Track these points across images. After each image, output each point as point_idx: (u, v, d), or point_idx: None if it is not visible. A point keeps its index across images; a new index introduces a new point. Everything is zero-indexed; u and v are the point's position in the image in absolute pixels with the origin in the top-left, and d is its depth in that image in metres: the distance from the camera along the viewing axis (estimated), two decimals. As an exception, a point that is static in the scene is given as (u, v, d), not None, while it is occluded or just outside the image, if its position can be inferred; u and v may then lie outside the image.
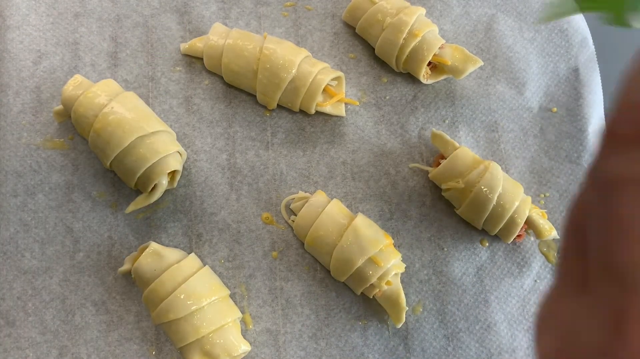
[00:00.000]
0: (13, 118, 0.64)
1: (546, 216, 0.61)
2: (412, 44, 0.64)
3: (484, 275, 0.62)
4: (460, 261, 0.62)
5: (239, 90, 0.67)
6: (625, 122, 0.23)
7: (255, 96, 0.65)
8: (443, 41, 0.65)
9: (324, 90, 0.63)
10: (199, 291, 0.54)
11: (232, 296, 0.59)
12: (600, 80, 0.69)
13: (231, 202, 0.63)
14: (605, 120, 0.25)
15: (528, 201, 0.60)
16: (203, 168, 0.64)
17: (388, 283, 0.57)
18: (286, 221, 0.63)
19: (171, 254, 0.57)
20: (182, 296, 0.54)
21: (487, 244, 0.63)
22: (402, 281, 0.60)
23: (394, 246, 0.61)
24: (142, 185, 0.59)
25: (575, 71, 0.69)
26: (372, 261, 0.57)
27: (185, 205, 0.63)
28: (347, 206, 0.63)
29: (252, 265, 0.61)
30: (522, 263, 0.62)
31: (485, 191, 0.58)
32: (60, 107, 0.62)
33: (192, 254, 0.58)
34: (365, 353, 0.59)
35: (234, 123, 0.66)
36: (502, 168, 0.63)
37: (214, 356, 0.54)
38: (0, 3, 0.68)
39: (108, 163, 0.58)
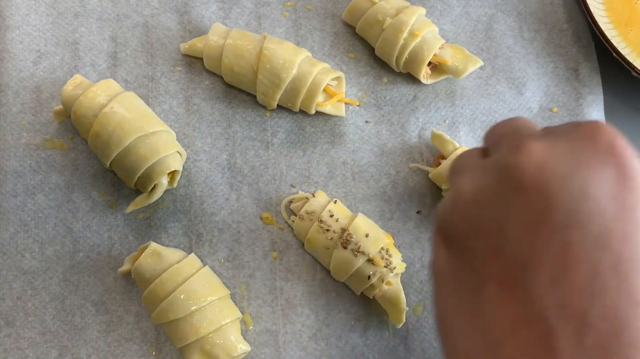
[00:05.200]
0: (13, 118, 0.64)
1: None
2: (412, 44, 0.64)
3: (484, 275, 0.62)
4: (460, 261, 0.62)
5: (239, 90, 0.67)
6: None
7: (255, 96, 0.65)
8: (443, 41, 0.65)
9: (324, 90, 0.63)
10: (199, 291, 0.54)
11: (232, 296, 0.59)
12: (600, 80, 0.69)
13: (231, 202, 0.63)
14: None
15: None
16: (203, 168, 0.64)
17: (388, 283, 0.57)
18: (286, 221, 0.63)
19: (171, 254, 0.57)
20: (182, 297, 0.54)
21: (487, 244, 0.63)
22: (402, 282, 0.60)
23: (394, 246, 0.61)
24: (142, 185, 0.59)
25: (575, 71, 0.69)
26: (372, 261, 0.56)
27: (185, 205, 0.63)
28: (347, 206, 0.63)
29: (252, 265, 0.61)
30: (522, 263, 0.62)
31: (486, 191, 0.58)
32: (60, 107, 0.61)
33: (192, 254, 0.58)
34: (365, 353, 0.59)
35: (234, 123, 0.66)
36: (502, 168, 0.63)
37: (213, 356, 0.54)
38: (0, 3, 0.68)
39: (108, 163, 0.58)
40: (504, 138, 0.35)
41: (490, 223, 0.32)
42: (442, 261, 0.36)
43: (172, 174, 0.60)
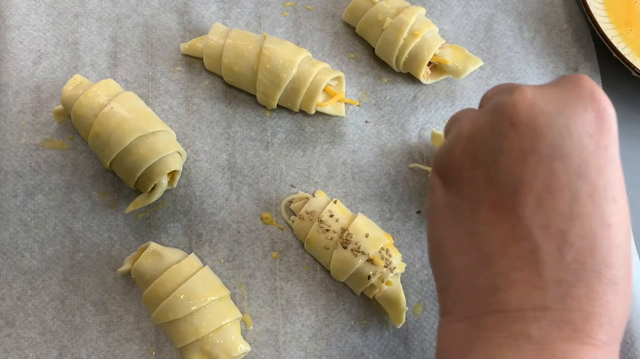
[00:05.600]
0: (13, 118, 0.64)
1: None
2: (412, 44, 0.64)
3: (484, 275, 0.62)
4: (460, 261, 0.62)
5: (239, 90, 0.67)
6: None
7: (255, 96, 0.65)
8: (443, 41, 0.65)
9: (324, 90, 0.63)
10: (199, 291, 0.54)
11: (232, 296, 0.59)
12: (600, 80, 0.69)
13: (231, 202, 0.63)
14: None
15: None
16: (203, 168, 0.64)
17: (388, 283, 0.57)
18: (286, 222, 0.63)
19: (171, 254, 0.57)
20: (182, 297, 0.54)
21: (487, 244, 0.63)
22: (402, 282, 0.60)
23: (394, 246, 0.61)
24: (142, 185, 0.59)
25: (575, 71, 0.69)
26: (372, 261, 0.56)
27: (185, 205, 0.63)
28: (347, 206, 0.63)
29: (252, 265, 0.61)
30: (522, 263, 0.62)
31: (486, 191, 0.58)
32: (60, 106, 0.61)
33: (192, 254, 0.58)
34: (365, 353, 0.59)
35: (234, 123, 0.66)
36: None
37: (213, 357, 0.54)
38: (0, 3, 0.68)
39: (108, 163, 0.58)
40: (497, 93, 0.40)
41: (486, 154, 0.37)
42: (438, 197, 0.41)
43: (172, 174, 0.60)
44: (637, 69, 0.65)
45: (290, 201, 0.63)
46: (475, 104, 0.68)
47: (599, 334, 0.33)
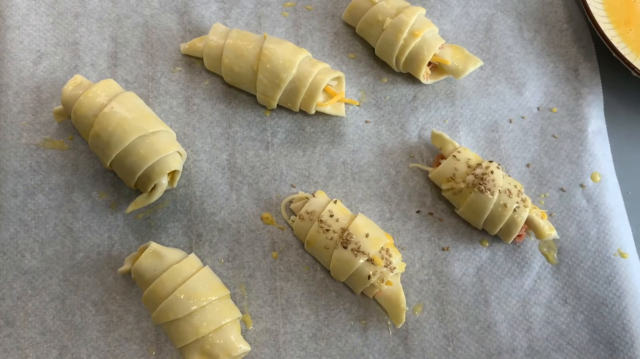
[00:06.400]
0: (13, 118, 0.64)
1: (546, 216, 0.61)
2: (412, 44, 0.64)
3: (484, 275, 0.62)
4: (460, 261, 0.62)
5: (239, 90, 0.67)
6: None
7: (255, 96, 0.65)
8: (443, 41, 0.66)
9: (324, 90, 0.63)
10: (199, 291, 0.54)
11: (232, 296, 0.59)
12: (600, 80, 0.69)
13: (231, 202, 0.63)
14: None
15: (528, 202, 0.60)
16: (203, 168, 0.64)
17: (388, 283, 0.57)
18: (286, 222, 0.63)
19: (171, 254, 0.57)
20: (182, 296, 0.54)
21: (487, 244, 0.63)
22: (402, 282, 0.60)
23: (394, 246, 0.61)
24: (142, 185, 0.59)
25: (575, 71, 0.69)
26: (372, 261, 0.57)
27: (185, 205, 0.63)
28: (347, 206, 0.63)
29: (252, 265, 0.61)
30: (522, 263, 0.62)
31: (486, 191, 0.58)
32: (60, 107, 0.62)
33: (192, 254, 0.58)
34: (365, 353, 0.59)
35: (234, 123, 0.66)
36: (502, 168, 0.63)
37: (213, 356, 0.54)
38: (0, 3, 0.68)
39: (108, 163, 0.58)
40: None
41: None
42: None
43: (172, 174, 0.60)
44: (637, 69, 0.65)
45: (290, 201, 0.63)
46: (475, 104, 0.68)
47: None
